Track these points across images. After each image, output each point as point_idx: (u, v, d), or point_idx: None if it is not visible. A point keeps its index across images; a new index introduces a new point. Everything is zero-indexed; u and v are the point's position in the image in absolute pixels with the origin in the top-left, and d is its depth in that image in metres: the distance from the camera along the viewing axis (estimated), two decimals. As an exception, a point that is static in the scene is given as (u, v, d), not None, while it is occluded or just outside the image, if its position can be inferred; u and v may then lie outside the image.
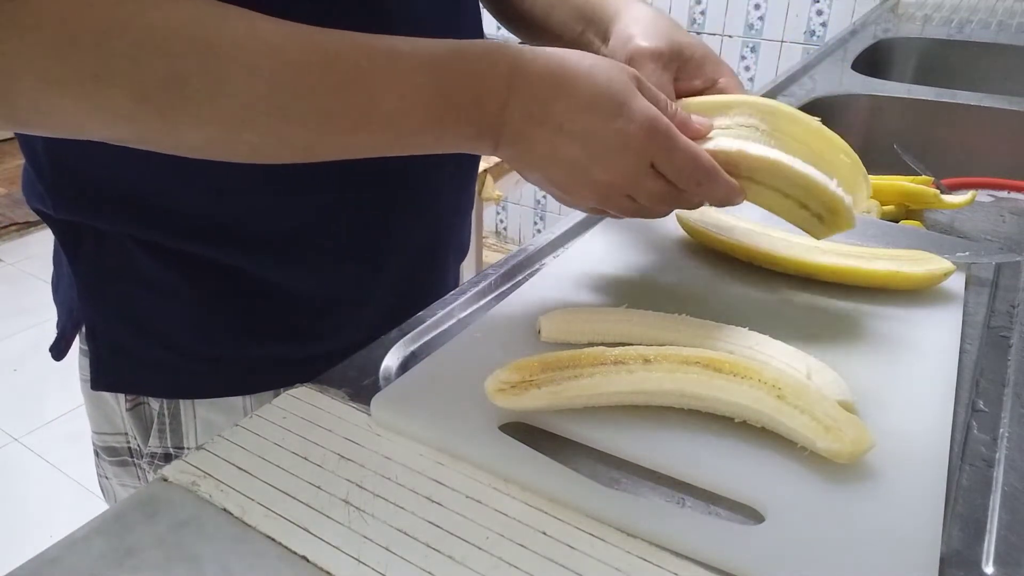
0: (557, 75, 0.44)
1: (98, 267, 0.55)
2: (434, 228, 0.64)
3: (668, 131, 0.46)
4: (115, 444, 0.61)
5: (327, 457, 0.41)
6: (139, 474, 0.62)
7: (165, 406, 0.58)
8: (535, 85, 0.44)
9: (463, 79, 0.43)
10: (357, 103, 0.41)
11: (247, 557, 0.35)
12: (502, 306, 0.54)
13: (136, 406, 0.59)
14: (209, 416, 0.58)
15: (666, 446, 0.41)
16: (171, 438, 0.58)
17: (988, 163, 0.99)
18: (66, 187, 0.53)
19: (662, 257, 0.61)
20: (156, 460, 0.59)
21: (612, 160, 0.45)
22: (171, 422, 0.58)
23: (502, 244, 2.88)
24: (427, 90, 0.42)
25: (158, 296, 0.55)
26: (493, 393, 0.41)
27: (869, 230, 0.63)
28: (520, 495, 0.38)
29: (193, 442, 0.58)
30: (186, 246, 0.53)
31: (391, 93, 0.41)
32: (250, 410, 0.58)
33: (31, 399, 2.04)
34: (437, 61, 0.42)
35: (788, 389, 0.40)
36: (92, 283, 0.56)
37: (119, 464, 0.63)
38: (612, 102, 0.45)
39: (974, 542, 0.37)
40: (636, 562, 0.35)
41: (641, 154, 0.46)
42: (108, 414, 0.60)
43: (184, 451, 0.58)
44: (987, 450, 0.43)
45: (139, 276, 0.54)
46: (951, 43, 1.37)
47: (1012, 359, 0.51)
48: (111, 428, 0.61)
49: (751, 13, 2.23)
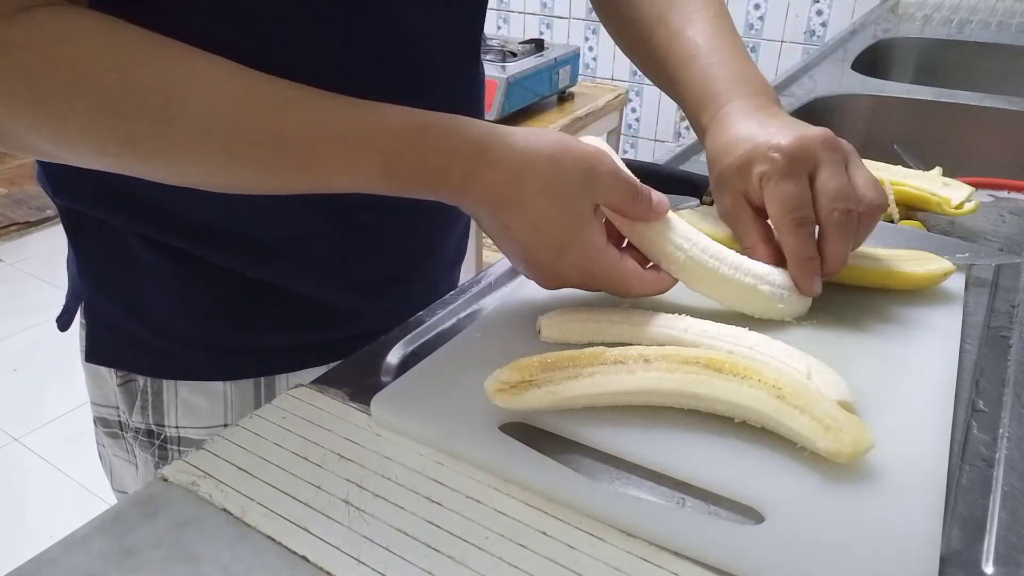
0: (518, 179, 0.45)
1: (96, 250, 0.58)
2: (426, 236, 0.64)
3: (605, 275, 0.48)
4: (107, 416, 0.64)
5: (327, 457, 0.41)
6: (127, 447, 0.64)
7: (149, 384, 0.60)
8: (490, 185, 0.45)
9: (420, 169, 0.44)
10: (309, 181, 0.44)
11: (247, 557, 0.35)
12: (502, 306, 0.54)
13: (126, 382, 0.61)
14: (190, 397, 0.60)
15: (666, 446, 0.41)
16: (153, 415, 0.60)
17: (988, 163, 0.99)
18: (70, 181, 0.55)
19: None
20: (139, 435, 0.61)
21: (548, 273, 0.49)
22: (154, 400, 0.60)
23: (502, 244, 2.88)
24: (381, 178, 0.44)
25: (150, 282, 0.57)
26: (493, 393, 0.41)
27: (869, 230, 0.63)
28: (520, 495, 0.38)
29: (173, 421, 0.60)
30: (180, 243, 0.55)
31: (343, 177, 0.44)
32: (230, 395, 0.60)
33: (31, 399, 2.04)
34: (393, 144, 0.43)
35: (788, 389, 0.40)
36: (91, 263, 0.59)
37: (111, 435, 0.65)
38: (560, 234, 0.46)
39: (974, 542, 0.37)
40: (636, 562, 0.35)
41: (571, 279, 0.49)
42: (103, 387, 0.63)
43: (164, 428, 0.61)
44: (987, 450, 0.43)
45: (134, 263, 0.56)
46: (951, 43, 1.37)
47: (1012, 359, 0.51)
48: (104, 400, 0.64)
49: (751, 13, 2.23)
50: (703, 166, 0.58)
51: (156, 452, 0.61)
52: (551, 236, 0.46)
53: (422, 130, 0.44)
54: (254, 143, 0.41)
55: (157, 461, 0.62)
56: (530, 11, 2.60)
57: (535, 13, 2.59)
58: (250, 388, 0.60)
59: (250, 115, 0.41)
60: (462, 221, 0.70)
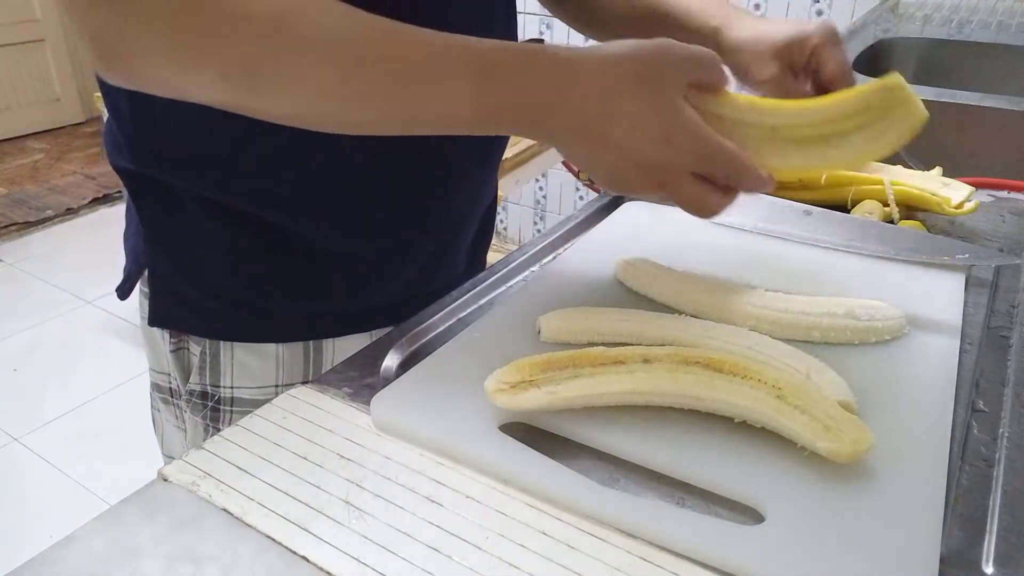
0: (606, 87, 0.46)
1: (163, 219, 0.61)
2: (462, 208, 0.68)
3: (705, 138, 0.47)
4: (160, 382, 0.69)
5: (327, 457, 0.41)
6: (177, 413, 0.69)
7: (208, 346, 0.63)
8: (582, 98, 0.45)
9: (507, 85, 0.45)
10: (410, 104, 0.44)
11: (247, 557, 0.35)
12: (502, 306, 0.54)
13: (178, 349, 0.65)
14: (245, 359, 0.63)
15: (666, 446, 0.41)
16: (210, 376, 0.64)
17: (988, 163, 0.99)
18: (143, 141, 0.58)
19: (662, 258, 0.61)
20: (193, 397, 0.65)
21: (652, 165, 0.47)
22: (211, 361, 0.64)
23: (502, 244, 2.88)
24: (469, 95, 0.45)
25: (211, 248, 0.61)
26: (493, 393, 0.41)
27: (869, 231, 0.63)
28: (520, 495, 0.38)
29: (229, 381, 0.64)
30: (237, 203, 0.58)
31: (436, 100, 0.45)
32: (282, 356, 0.64)
33: (31, 399, 2.04)
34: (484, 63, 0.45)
35: (788, 389, 0.40)
36: (157, 232, 0.62)
37: (164, 401, 0.70)
38: (659, 126, 0.46)
39: (974, 542, 0.37)
40: (636, 562, 0.35)
41: (680, 160, 0.47)
42: (157, 353, 0.67)
43: (219, 389, 0.64)
44: (987, 450, 0.43)
45: (196, 230, 0.60)
46: (951, 43, 1.37)
47: (1012, 359, 0.51)
48: (159, 367, 0.68)
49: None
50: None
51: (208, 415, 0.65)
52: (652, 130, 0.46)
53: (512, 52, 0.46)
54: (359, 63, 0.43)
55: (208, 424, 0.65)
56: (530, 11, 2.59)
57: (535, 13, 2.59)
58: (299, 350, 0.64)
59: (355, 37, 0.43)
60: (489, 195, 0.73)
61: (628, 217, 0.68)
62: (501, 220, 2.88)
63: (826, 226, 0.64)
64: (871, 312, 0.50)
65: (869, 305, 0.51)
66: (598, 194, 0.76)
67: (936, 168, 0.72)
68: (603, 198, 0.73)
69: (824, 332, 0.50)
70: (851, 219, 0.66)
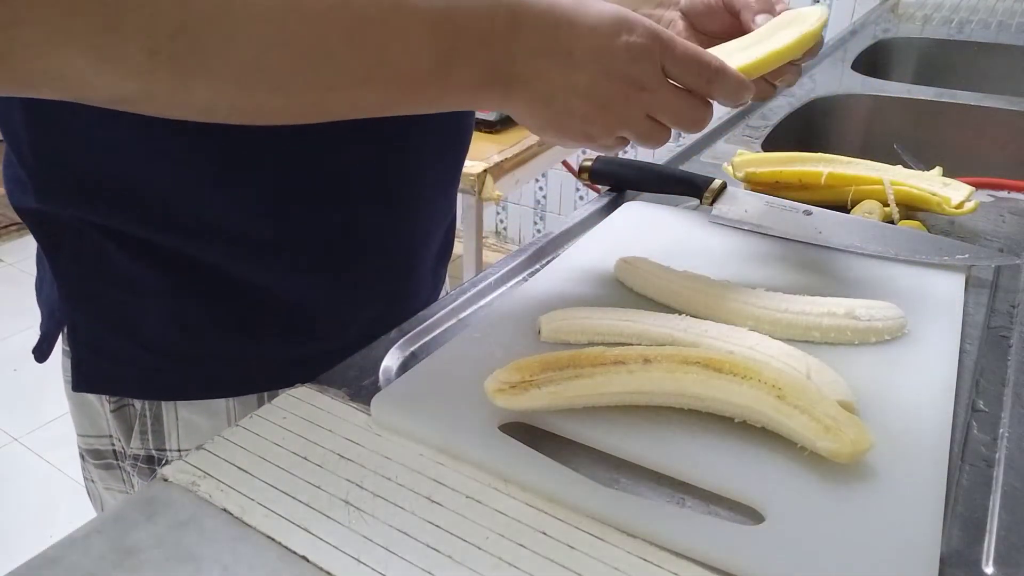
0: (556, 8, 0.44)
1: (78, 266, 0.54)
2: (413, 238, 0.63)
3: (671, 38, 0.46)
4: (100, 447, 0.61)
5: (327, 457, 0.41)
6: (124, 477, 0.61)
7: (147, 407, 0.57)
8: (538, 20, 0.43)
9: (466, 23, 0.42)
10: (365, 54, 0.40)
11: (247, 557, 0.35)
12: (502, 306, 0.54)
13: (120, 408, 0.58)
14: (192, 418, 0.57)
15: (666, 446, 0.41)
16: (153, 440, 0.58)
17: (988, 163, 0.99)
18: (47, 174, 0.51)
19: (662, 258, 0.61)
20: (139, 462, 0.59)
21: (626, 73, 0.45)
22: (153, 423, 0.57)
23: (502, 244, 2.88)
24: (431, 37, 0.41)
25: (137, 295, 0.54)
26: (493, 393, 0.41)
27: (868, 231, 0.63)
28: (520, 495, 0.38)
29: (175, 444, 0.58)
30: (166, 240, 0.52)
31: (396, 42, 0.40)
32: (233, 412, 0.57)
33: (31, 399, 2.04)
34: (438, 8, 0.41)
35: (788, 389, 0.40)
36: (72, 282, 0.55)
37: (104, 467, 0.62)
38: (614, 21, 0.45)
39: (974, 542, 0.37)
40: (636, 562, 0.35)
41: (652, 61, 0.45)
42: (92, 416, 0.60)
43: (166, 453, 0.58)
44: (987, 450, 0.43)
45: (118, 275, 0.53)
46: (951, 43, 1.37)
47: (1012, 359, 0.51)
48: (95, 431, 0.60)
49: (751, 13, 2.22)
50: (703, 166, 0.58)
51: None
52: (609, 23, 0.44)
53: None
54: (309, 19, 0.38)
55: None
56: None
57: None
58: (254, 404, 0.58)
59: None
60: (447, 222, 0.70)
61: (628, 217, 0.68)
62: (501, 220, 2.88)
63: (826, 226, 0.64)
64: (871, 312, 0.50)
65: (869, 305, 0.51)
66: (598, 194, 0.76)
67: (936, 168, 0.72)
68: (603, 198, 0.73)
69: (824, 332, 0.50)
70: (851, 219, 0.66)
